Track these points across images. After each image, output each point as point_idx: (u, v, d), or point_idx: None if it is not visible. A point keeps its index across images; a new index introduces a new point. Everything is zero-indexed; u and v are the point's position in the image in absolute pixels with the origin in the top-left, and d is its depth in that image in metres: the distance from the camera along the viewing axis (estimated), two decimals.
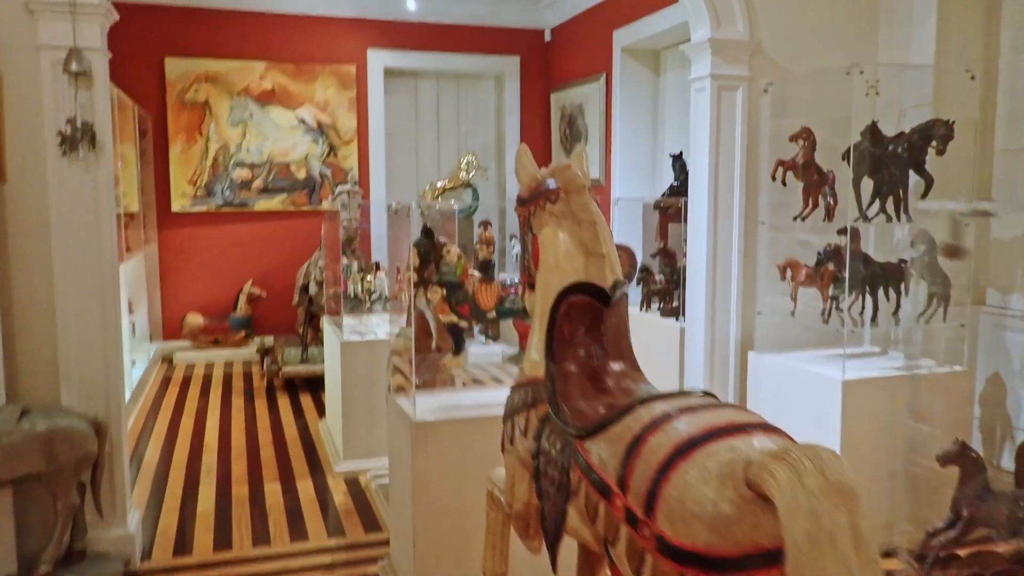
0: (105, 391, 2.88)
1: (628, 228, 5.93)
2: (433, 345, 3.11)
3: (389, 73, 7.12)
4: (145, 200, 6.41)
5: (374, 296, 4.25)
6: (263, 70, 6.73)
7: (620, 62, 6.14)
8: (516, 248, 6.76)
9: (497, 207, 7.61)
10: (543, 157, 7.56)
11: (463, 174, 7.13)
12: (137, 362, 5.76)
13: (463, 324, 2.71)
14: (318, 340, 6.13)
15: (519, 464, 1.96)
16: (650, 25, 5.76)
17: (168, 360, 6.62)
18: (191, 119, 6.63)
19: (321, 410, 5.15)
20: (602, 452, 1.57)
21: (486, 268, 2.69)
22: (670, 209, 4.96)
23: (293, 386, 5.80)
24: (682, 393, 1.64)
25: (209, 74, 6.61)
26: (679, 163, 5.86)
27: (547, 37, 7.38)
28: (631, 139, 6.22)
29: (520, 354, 2.82)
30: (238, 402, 5.42)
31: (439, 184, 7.15)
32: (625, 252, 5.37)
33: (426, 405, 2.76)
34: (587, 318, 1.84)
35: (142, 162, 6.38)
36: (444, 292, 2.64)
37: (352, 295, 4.19)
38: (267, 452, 4.38)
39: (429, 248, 2.65)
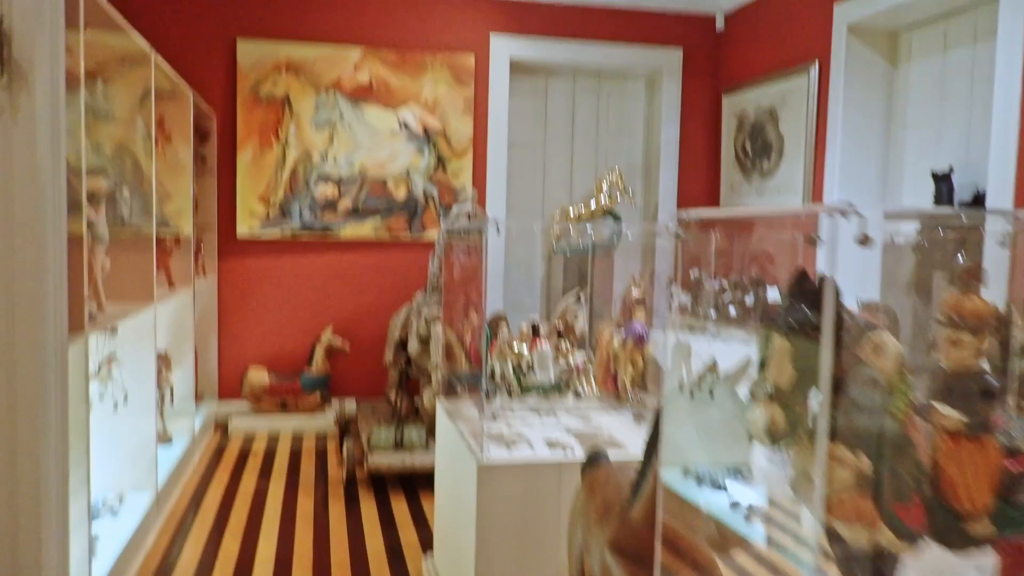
0: None
1: (851, 273, 4.14)
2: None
3: (514, 68, 5.56)
4: (202, 220, 4.96)
5: (529, 379, 2.58)
6: (358, 59, 5.25)
7: (845, 47, 4.42)
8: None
9: (642, 243, 5.91)
10: (711, 182, 5.83)
11: (604, 198, 5.50)
12: (175, 438, 4.24)
13: (900, 550, 1.00)
14: (416, 415, 4.53)
15: None
16: None
17: (223, 427, 5.11)
18: (266, 118, 5.18)
19: (424, 533, 3.51)
20: None
21: (985, 408, 0.98)
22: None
23: (381, 483, 4.18)
24: None
25: (291, 62, 5.17)
26: (946, 184, 4.11)
27: (719, 25, 5.70)
28: (856, 151, 4.46)
29: None
30: (305, 507, 3.82)
31: (571, 210, 5.54)
32: (885, 313, 3.61)
33: None
34: None
35: (201, 171, 4.96)
36: (868, 464, 0.94)
37: (498, 375, 2.53)
38: None
39: (814, 332, 0.96)
